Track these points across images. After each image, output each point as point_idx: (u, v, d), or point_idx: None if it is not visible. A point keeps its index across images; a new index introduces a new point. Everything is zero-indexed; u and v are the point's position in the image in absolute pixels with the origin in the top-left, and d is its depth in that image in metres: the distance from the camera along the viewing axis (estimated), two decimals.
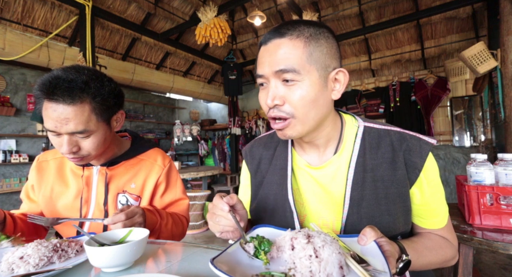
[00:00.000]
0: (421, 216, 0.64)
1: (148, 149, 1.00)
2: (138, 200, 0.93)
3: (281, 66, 0.57)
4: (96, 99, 0.77)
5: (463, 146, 4.01)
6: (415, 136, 0.63)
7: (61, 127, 0.73)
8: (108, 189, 0.90)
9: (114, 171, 0.92)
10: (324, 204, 0.65)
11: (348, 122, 0.69)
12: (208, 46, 5.10)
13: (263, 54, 0.61)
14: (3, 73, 3.66)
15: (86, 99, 0.75)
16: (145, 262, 0.63)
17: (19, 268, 0.56)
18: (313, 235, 0.46)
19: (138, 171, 0.94)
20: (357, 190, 0.61)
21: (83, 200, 0.89)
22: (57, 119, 0.73)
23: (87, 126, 0.76)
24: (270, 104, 0.59)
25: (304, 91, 0.57)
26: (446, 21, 3.89)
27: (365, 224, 0.59)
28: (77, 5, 3.25)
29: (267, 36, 0.61)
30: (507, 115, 2.57)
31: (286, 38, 0.58)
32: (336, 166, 0.65)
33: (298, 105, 0.58)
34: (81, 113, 0.74)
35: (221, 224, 0.56)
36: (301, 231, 0.48)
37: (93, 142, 0.79)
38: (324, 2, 4.49)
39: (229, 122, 5.59)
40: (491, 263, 2.20)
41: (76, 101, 0.73)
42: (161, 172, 0.96)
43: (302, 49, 0.57)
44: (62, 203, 0.90)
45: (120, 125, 0.90)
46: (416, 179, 0.61)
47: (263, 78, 0.61)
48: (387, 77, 4.65)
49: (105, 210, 0.89)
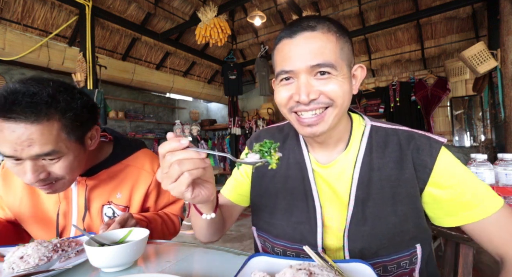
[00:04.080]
0: (455, 213, 0.57)
1: (134, 151, 0.89)
2: (126, 211, 0.85)
3: (318, 60, 0.54)
4: (67, 115, 0.65)
5: (463, 146, 4.01)
6: (424, 135, 0.61)
7: (22, 150, 0.60)
8: (90, 201, 0.80)
9: (96, 180, 0.81)
10: (330, 202, 0.64)
11: (356, 121, 0.68)
12: (208, 46, 5.10)
13: (290, 48, 0.56)
14: (3, 73, 3.66)
15: (55, 115, 0.63)
16: (145, 262, 0.63)
17: (19, 268, 0.55)
18: (316, 273, 0.42)
19: (123, 179, 0.84)
20: (362, 189, 0.60)
21: (61, 215, 0.80)
22: (17, 142, 0.59)
23: (56, 146, 0.63)
24: (306, 100, 0.55)
25: (340, 86, 0.56)
26: (446, 21, 3.89)
27: (370, 224, 0.58)
28: (77, 5, 3.25)
29: (294, 30, 0.56)
30: (507, 115, 2.57)
31: (318, 32, 0.55)
32: (343, 165, 0.64)
33: (337, 95, 0.56)
34: (48, 132, 0.62)
35: (184, 169, 0.43)
36: (302, 265, 0.45)
37: (64, 166, 0.67)
38: (324, 2, 4.49)
39: (229, 122, 5.59)
40: (491, 263, 2.19)
41: (41, 119, 0.60)
42: (151, 179, 0.87)
43: (335, 44, 0.55)
44: (33, 218, 0.80)
45: (96, 142, 0.78)
46: (428, 178, 0.58)
47: (291, 73, 0.57)
48: (387, 77, 4.65)
49: (83, 225, 0.80)
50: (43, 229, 0.82)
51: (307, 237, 0.62)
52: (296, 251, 0.63)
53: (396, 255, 0.58)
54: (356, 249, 0.58)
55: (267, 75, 4.99)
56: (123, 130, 5.25)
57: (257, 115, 5.59)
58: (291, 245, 0.64)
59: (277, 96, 0.61)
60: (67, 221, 0.81)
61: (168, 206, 0.96)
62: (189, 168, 0.43)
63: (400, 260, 0.58)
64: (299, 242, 0.62)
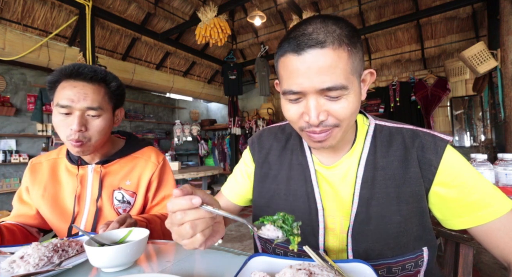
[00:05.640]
0: (463, 215, 0.56)
1: (143, 147, 1.03)
2: (133, 196, 0.95)
3: (327, 84, 0.49)
4: (111, 84, 0.88)
5: (463, 146, 4.01)
6: (429, 133, 0.60)
7: (78, 101, 0.80)
8: (103, 186, 0.92)
9: (109, 169, 0.94)
10: (332, 204, 0.63)
11: (360, 121, 0.67)
12: (208, 46, 5.10)
13: (297, 67, 0.50)
14: (3, 73, 3.66)
15: (103, 83, 0.87)
16: (145, 262, 0.63)
17: (19, 267, 0.56)
18: (316, 273, 0.43)
19: (132, 169, 0.97)
20: (366, 189, 0.59)
21: (76, 198, 0.90)
22: (76, 94, 0.80)
23: (101, 104, 0.84)
24: (315, 122, 0.52)
25: (350, 103, 0.52)
26: (446, 21, 3.88)
27: (374, 224, 0.57)
28: (77, 5, 3.25)
29: (300, 44, 0.50)
30: (507, 115, 2.57)
31: (329, 49, 0.49)
32: (347, 165, 0.63)
33: (345, 117, 0.53)
34: (98, 92, 0.84)
35: (197, 230, 0.43)
36: (302, 265, 0.45)
37: (101, 125, 0.85)
38: (324, 2, 4.49)
39: (229, 122, 5.59)
40: (491, 263, 2.19)
41: (95, 82, 0.84)
42: (155, 169, 0.98)
43: (347, 61, 0.50)
44: (54, 202, 0.91)
45: (119, 121, 0.96)
46: (434, 177, 0.57)
47: (299, 94, 0.53)
48: (387, 77, 4.65)
49: (97, 206, 0.90)
50: (61, 215, 0.91)
51: (309, 238, 0.62)
52: (298, 252, 0.63)
53: (401, 257, 0.57)
54: (360, 249, 0.57)
55: (267, 75, 4.99)
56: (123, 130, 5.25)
57: (257, 115, 5.59)
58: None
59: (286, 113, 0.58)
60: (81, 204, 0.91)
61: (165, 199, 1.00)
62: (202, 229, 0.44)
63: (406, 263, 0.57)
64: (301, 244, 0.61)
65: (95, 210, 0.90)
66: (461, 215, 0.56)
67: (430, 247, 0.59)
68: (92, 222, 0.89)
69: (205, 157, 6.40)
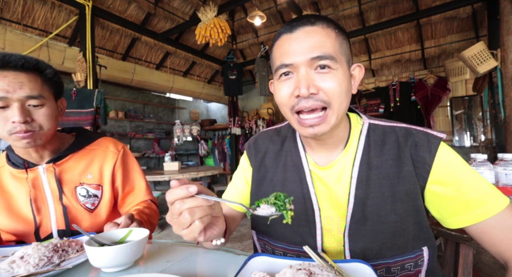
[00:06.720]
0: (460, 213, 0.56)
1: (97, 138, 0.98)
2: (99, 188, 0.92)
3: (318, 53, 0.54)
4: (46, 71, 0.81)
5: (463, 146, 4.00)
6: (422, 131, 0.60)
7: (14, 91, 0.71)
8: (62, 184, 0.87)
9: (63, 166, 0.88)
10: (329, 204, 0.63)
11: (353, 120, 0.67)
12: (208, 46, 5.10)
13: (290, 43, 0.56)
14: None
15: (37, 71, 0.78)
16: (145, 262, 0.63)
17: (19, 267, 0.56)
18: (316, 273, 0.43)
19: (91, 161, 0.92)
20: (361, 188, 0.59)
21: (33, 202, 0.84)
22: (9, 84, 0.71)
23: (42, 92, 0.77)
24: (305, 94, 0.54)
25: (339, 79, 0.55)
26: (446, 21, 3.88)
27: (370, 223, 0.57)
28: (77, 5, 3.25)
29: (293, 25, 0.57)
30: (507, 115, 2.57)
31: (318, 26, 0.56)
32: (341, 166, 0.63)
33: (335, 94, 0.55)
34: (35, 80, 0.76)
35: (195, 217, 0.45)
36: (302, 265, 0.45)
37: (47, 113, 0.78)
38: (324, 2, 4.49)
39: (229, 122, 5.59)
40: (491, 263, 2.19)
41: (28, 70, 0.76)
42: (116, 157, 0.95)
43: (335, 38, 0.56)
44: (10, 212, 0.84)
45: (63, 113, 0.89)
46: (428, 175, 0.57)
47: (291, 67, 0.56)
48: (387, 77, 4.65)
49: (63, 204, 0.86)
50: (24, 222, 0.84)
51: (307, 239, 0.62)
52: (297, 253, 0.63)
53: (400, 257, 0.57)
54: (358, 249, 0.57)
55: (267, 75, 4.99)
56: (123, 130, 5.25)
57: (257, 115, 5.59)
58: (292, 247, 0.64)
59: (278, 94, 0.60)
60: (43, 206, 0.85)
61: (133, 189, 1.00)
62: (200, 216, 0.45)
63: (405, 262, 0.57)
64: (300, 245, 0.61)
65: (61, 209, 0.86)
66: (457, 214, 0.56)
67: (430, 247, 0.59)
68: (64, 220, 0.86)
69: (205, 157, 6.40)
